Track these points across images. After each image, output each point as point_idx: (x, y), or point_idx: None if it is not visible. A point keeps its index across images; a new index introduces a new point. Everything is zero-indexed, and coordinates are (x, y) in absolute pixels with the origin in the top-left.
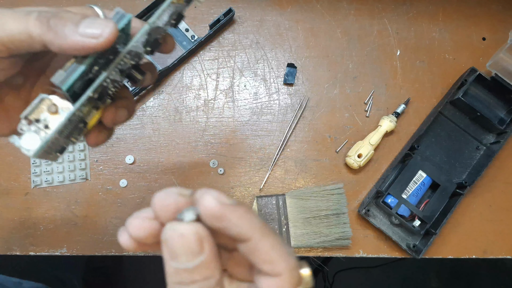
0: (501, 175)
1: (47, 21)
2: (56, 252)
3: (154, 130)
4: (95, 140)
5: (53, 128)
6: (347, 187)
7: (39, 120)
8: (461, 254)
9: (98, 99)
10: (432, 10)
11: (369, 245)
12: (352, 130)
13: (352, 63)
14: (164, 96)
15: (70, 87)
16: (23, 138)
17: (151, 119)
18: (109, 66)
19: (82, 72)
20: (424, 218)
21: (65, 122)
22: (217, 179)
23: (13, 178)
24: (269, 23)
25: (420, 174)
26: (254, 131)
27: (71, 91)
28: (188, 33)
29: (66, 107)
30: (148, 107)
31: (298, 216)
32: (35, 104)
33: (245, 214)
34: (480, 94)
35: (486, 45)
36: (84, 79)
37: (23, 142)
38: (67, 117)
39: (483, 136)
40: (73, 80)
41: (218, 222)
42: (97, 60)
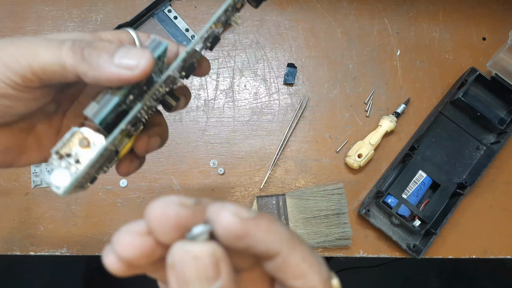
0: (501, 175)
1: (81, 51)
2: (56, 252)
3: None
4: (126, 169)
5: (85, 163)
6: (347, 187)
7: (70, 155)
8: (461, 254)
9: (131, 127)
10: (432, 10)
11: (369, 245)
12: (352, 130)
13: (352, 63)
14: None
15: (103, 120)
16: (53, 175)
17: None
18: (144, 96)
19: (115, 104)
20: (424, 218)
21: (97, 157)
22: (217, 179)
23: (13, 178)
24: (269, 23)
25: (420, 174)
26: (254, 131)
27: (104, 123)
28: (188, 33)
29: (98, 141)
30: None
31: (298, 216)
32: (66, 139)
33: (271, 226)
34: (480, 94)
35: (486, 45)
36: (117, 111)
37: (53, 179)
38: (99, 152)
39: (484, 136)
40: (106, 113)
41: (240, 242)
42: (131, 90)
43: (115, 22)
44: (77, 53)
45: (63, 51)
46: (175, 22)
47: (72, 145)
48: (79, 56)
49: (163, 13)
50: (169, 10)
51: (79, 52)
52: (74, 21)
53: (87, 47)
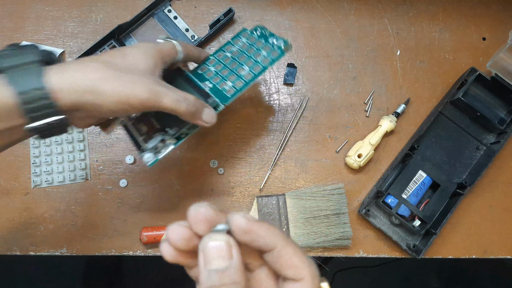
0: (501, 175)
1: (194, 109)
2: (56, 252)
3: None
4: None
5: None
6: (347, 187)
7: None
8: (461, 254)
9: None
10: (432, 10)
11: (369, 245)
12: (352, 130)
13: (352, 63)
14: None
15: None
16: (145, 156)
17: None
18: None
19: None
20: (424, 218)
21: (167, 153)
22: (217, 179)
23: (13, 178)
24: (269, 23)
25: (420, 174)
26: (254, 131)
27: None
28: (188, 33)
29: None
30: None
31: (298, 216)
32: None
33: (269, 227)
34: (480, 94)
35: (486, 45)
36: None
37: (145, 157)
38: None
39: (483, 136)
40: (164, 155)
41: (247, 235)
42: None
43: (115, 22)
44: (191, 110)
45: (181, 107)
46: (175, 22)
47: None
48: (192, 112)
49: (163, 13)
50: (169, 10)
51: (193, 109)
52: (74, 21)
53: (195, 108)
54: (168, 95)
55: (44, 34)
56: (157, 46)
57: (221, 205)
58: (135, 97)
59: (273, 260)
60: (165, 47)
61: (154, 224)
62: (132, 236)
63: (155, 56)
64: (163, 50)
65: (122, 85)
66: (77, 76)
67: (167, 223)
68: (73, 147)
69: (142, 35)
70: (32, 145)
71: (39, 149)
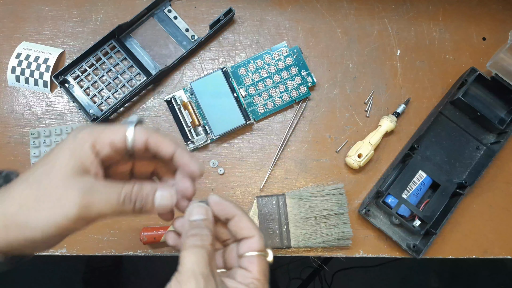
0: (501, 175)
1: (140, 202)
2: (56, 252)
3: None
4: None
5: None
6: (347, 187)
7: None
8: (461, 254)
9: None
10: (432, 10)
11: (369, 245)
12: (352, 130)
13: (352, 63)
14: (164, 96)
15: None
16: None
17: (151, 119)
18: None
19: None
20: (424, 218)
21: None
22: (217, 179)
23: None
24: (269, 23)
25: (420, 174)
26: (254, 131)
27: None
28: (188, 33)
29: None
30: (148, 107)
31: (298, 216)
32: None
33: (231, 203)
34: (480, 94)
35: (486, 45)
36: None
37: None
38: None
39: (483, 136)
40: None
41: (217, 206)
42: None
43: (115, 22)
44: (138, 206)
45: (126, 206)
46: (175, 22)
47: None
48: (138, 208)
49: (163, 13)
50: (169, 10)
51: (139, 205)
52: (74, 21)
53: (138, 201)
54: (102, 200)
55: (44, 34)
56: (93, 137)
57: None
58: (64, 218)
59: (234, 225)
60: (105, 134)
61: (154, 224)
62: (132, 236)
63: (86, 153)
64: (102, 137)
65: (46, 207)
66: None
67: (167, 223)
68: None
69: (142, 35)
70: (32, 145)
71: (39, 149)
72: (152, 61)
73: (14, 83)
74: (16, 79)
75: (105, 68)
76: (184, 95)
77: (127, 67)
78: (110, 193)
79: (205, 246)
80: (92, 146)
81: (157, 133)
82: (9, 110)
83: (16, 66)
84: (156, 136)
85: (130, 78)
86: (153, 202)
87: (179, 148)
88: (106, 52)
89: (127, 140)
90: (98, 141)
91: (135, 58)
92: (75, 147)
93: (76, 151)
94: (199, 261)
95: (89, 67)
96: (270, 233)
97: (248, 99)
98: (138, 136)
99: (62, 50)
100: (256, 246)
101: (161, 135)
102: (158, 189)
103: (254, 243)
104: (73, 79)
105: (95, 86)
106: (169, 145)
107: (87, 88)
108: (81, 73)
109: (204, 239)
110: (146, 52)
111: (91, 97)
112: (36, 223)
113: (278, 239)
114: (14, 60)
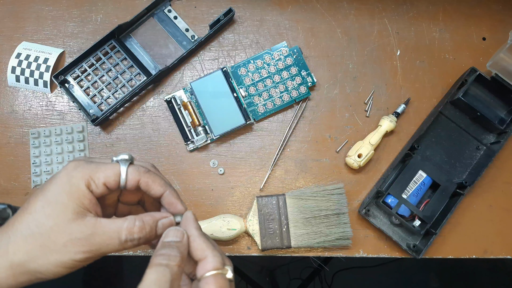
0: (501, 175)
1: (146, 230)
2: None
3: (154, 130)
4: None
5: None
6: (347, 187)
7: None
8: (461, 254)
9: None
10: (432, 10)
11: (369, 245)
12: (352, 130)
13: (352, 63)
14: (164, 96)
15: None
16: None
17: (151, 119)
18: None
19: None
20: (424, 218)
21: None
22: (217, 179)
23: (13, 178)
24: (269, 23)
25: (420, 174)
26: (254, 131)
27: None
28: (188, 33)
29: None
30: (148, 107)
31: (298, 216)
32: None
33: (195, 224)
34: (480, 94)
35: (486, 45)
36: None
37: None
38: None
39: (484, 136)
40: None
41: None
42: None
43: (115, 22)
44: (144, 234)
45: (132, 237)
46: (175, 22)
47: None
48: (145, 237)
49: (163, 13)
50: (169, 10)
51: (145, 232)
52: (74, 21)
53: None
54: (105, 241)
55: (44, 34)
56: (88, 175)
57: (221, 205)
58: (72, 262)
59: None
60: (100, 173)
61: None
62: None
63: (84, 193)
64: (98, 176)
65: (54, 255)
66: (3, 261)
67: None
68: (73, 147)
69: (142, 35)
70: (32, 145)
71: (39, 149)
72: (152, 61)
73: (14, 83)
74: (16, 79)
75: (105, 68)
76: (184, 95)
77: (127, 67)
78: (113, 232)
79: (170, 265)
80: (88, 185)
81: (149, 174)
82: (9, 110)
83: (16, 66)
84: (147, 176)
85: (130, 78)
86: (155, 233)
87: (168, 189)
88: (106, 52)
89: (120, 180)
90: (93, 179)
91: (135, 58)
92: (71, 189)
93: (73, 193)
94: (160, 279)
95: (89, 67)
96: (270, 233)
97: (248, 99)
98: (131, 176)
99: (62, 50)
100: (210, 266)
101: (152, 175)
102: (159, 219)
103: (207, 263)
104: (73, 79)
105: (95, 86)
106: (160, 187)
107: (87, 88)
108: (81, 73)
109: (171, 259)
110: (146, 52)
111: (91, 97)
112: (46, 269)
113: (278, 239)
114: (14, 60)
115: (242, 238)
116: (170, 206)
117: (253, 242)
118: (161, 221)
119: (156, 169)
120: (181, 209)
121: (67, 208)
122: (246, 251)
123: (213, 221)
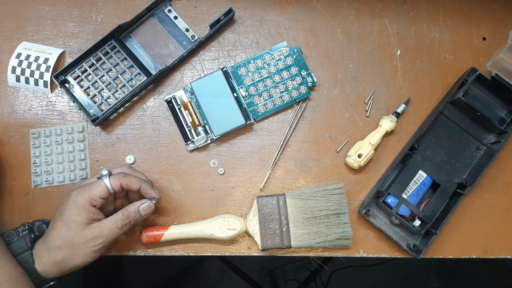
0: (501, 175)
1: (132, 219)
2: None
3: (154, 130)
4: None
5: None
6: (348, 187)
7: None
8: (461, 254)
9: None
10: (432, 10)
11: (370, 245)
12: (352, 130)
13: (352, 63)
14: (164, 96)
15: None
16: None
17: (151, 119)
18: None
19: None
20: (425, 218)
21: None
22: (217, 179)
23: (13, 178)
24: (269, 23)
25: (421, 174)
26: (254, 131)
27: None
28: (188, 33)
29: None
30: (148, 107)
31: (298, 216)
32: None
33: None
34: (480, 94)
35: (486, 45)
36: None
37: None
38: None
39: (484, 136)
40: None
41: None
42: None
43: (115, 22)
44: (135, 219)
45: (124, 224)
46: (175, 22)
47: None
48: (134, 222)
49: (163, 13)
50: (169, 10)
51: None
52: (74, 21)
53: (132, 217)
54: (110, 234)
55: (44, 34)
56: (87, 197)
57: (221, 205)
58: (94, 252)
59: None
60: (94, 192)
61: (154, 224)
62: (132, 236)
63: (89, 209)
64: (94, 195)
65: (80, 256)
66: (49, 261)
67: (168, 223)
68: (73, 147)
69: (142, 35)
70: (32, 145)
71: (39, 149)
72: (152, 61)
73: (14, 83)
74: (17, 79)
75: (105, 68)
76: (184, 95)
77: (127, 67)
78: (112, 225)
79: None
80: (90, 204)
81: (126, 177)
82: (9, 110)
83: (16, 66)
84: (126, 179)
85: (130, 78)
86: (140, 215)
87: (143, 183)
88: (106, 52)
89: (108, 189)
90: (92, 198)
91: (135, 58)
92: (78, 211)
93: (81, 212)
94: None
95: (89, 67)
96: (270, 233)
97: (248, 99)
98: (113, 184)
99: (62, 50)
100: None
101: (128, 177)
102: (139, 206)
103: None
104: (73, 79)
105: (95, 86)
106: (136, 184)
107: (87, 88)
108: (81, 73)
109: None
110: (146, 52)
111: (91, 97)
112: (77, 263)
113: (278, 239)
114: (14, 60)
115: (242, 238)
116: (147, 195)
117: (253, 242)
118: (141, 206)
119: (133, 169)
120: (154, 195)
121: (79, 223)
122: (246, 251)
123: (213, 221)
